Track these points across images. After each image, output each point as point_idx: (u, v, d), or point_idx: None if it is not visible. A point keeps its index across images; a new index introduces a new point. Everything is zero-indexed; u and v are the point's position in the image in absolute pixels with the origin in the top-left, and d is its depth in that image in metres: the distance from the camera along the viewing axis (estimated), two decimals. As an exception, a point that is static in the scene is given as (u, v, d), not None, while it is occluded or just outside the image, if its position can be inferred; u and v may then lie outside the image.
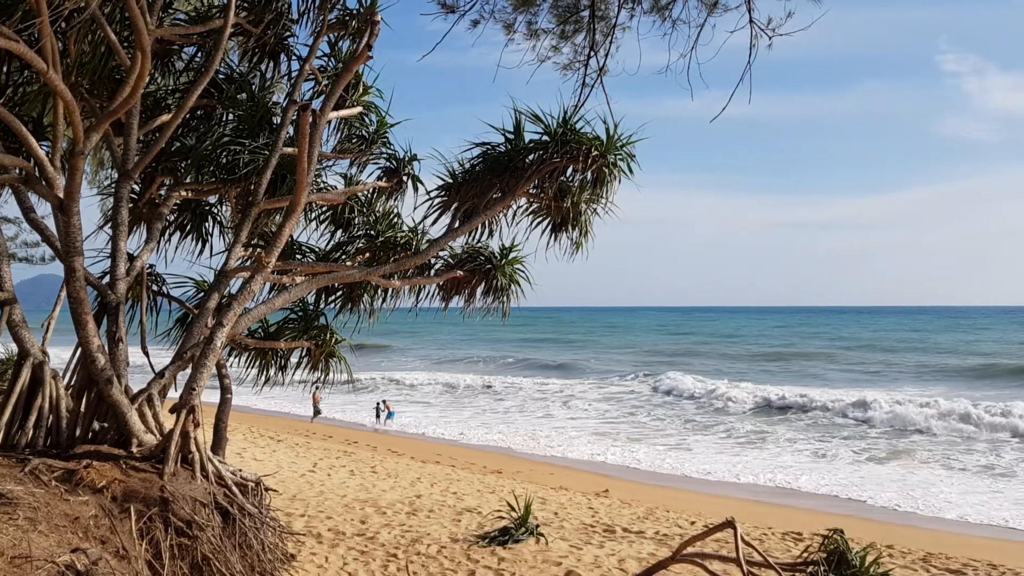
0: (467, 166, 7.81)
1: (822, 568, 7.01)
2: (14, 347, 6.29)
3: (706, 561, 7.34)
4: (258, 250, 7.51)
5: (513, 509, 9.57)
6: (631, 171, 7.44)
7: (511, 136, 7.57)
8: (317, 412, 25.39)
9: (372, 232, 8.32)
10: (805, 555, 7.54)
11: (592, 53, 8.76)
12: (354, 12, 7.49)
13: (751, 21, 8.02)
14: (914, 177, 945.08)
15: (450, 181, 7.91)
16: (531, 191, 7.66)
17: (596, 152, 7.21)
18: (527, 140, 7.52)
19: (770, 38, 7.99)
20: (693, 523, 11.42)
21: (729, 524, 7.07)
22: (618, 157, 7.35)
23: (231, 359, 8.09)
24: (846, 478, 17.13)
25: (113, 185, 7.08)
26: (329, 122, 7.55)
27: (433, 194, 8.06)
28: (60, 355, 7.26)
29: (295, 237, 8.30)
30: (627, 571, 8.40)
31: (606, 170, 7.35)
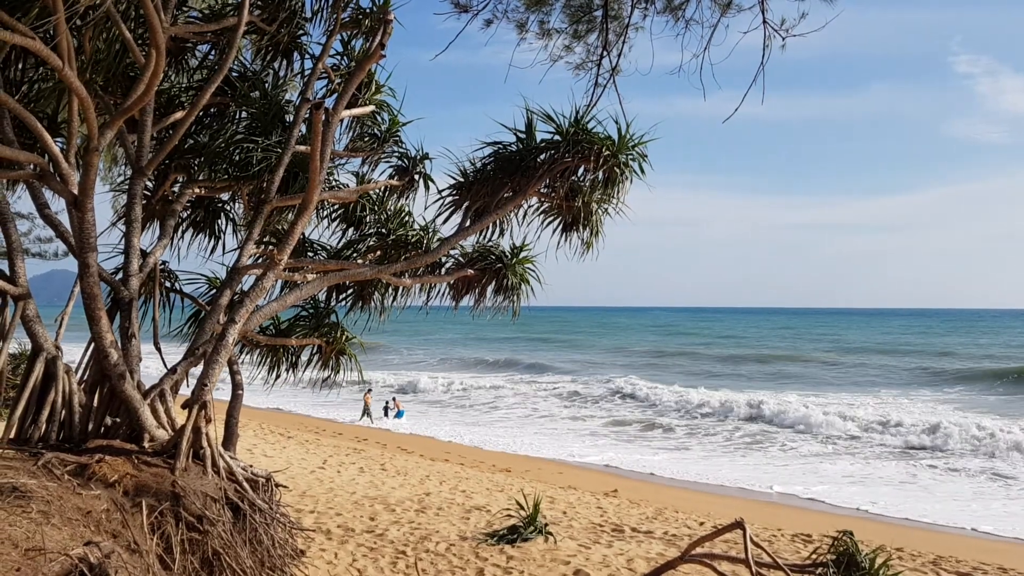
0: (478, 165, 7.81)
1: (832, 570, 6.98)
2: (28, 342, 6.33)
3: (715, 562, 7.33)
4: (270, 247, 7.54)
5: (522, 508, 9.58)
6: (643, 171, 7.42)
7: (523, 135, 7.57)
8: (367, 413, 25.38)
9: (383, 230, 8.33)
10: (814, 556, 7.51)
11: (605, 53, 8.76)
12: (367, 11, 7.50)
13: (764, 22, 8.02)
14: (925, 179, 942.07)
15: (461, 180, 7.91)
16: (542, 190, 7.65)
17: (608, 152, 7.20)
18: (539, 139, 7.51)
19: (783, 39, 7.99)
20: (702, 524, 11.40)
21: (738, 525, 7.05)
22: (630, 157, 7.33)
23: (243, 356, 8.12)
24: (852, 480, 17.07)
25: (127, 182, 7.11)
26: (341, 120, 7.56)
27: (444, 193, 8.08)
28: (73, 350, 7.30)
29: (307, 235, 8.32)
30: (636, 571, 8.39)
31: (617, 170, 7.34)
